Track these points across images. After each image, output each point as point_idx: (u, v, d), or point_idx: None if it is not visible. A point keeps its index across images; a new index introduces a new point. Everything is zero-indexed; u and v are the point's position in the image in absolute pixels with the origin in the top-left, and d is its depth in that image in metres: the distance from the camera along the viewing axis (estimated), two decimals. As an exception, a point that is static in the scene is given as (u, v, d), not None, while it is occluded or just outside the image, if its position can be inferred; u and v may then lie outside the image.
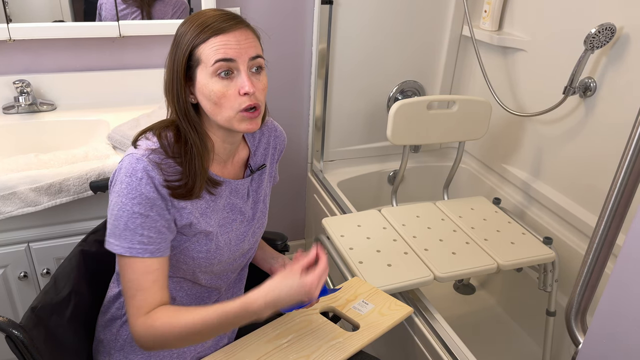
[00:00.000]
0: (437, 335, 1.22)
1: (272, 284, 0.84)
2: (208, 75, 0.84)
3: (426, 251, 1.43)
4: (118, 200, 0.85)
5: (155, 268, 0.87)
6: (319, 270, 0.85)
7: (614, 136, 1.50)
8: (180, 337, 0.85)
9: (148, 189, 0.84)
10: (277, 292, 0.83)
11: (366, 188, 2.10)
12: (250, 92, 0.85)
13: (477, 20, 1.94)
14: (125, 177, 0.84)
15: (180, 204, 0.89)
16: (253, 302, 0.84)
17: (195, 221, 0.91)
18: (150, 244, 0.86)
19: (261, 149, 1.06)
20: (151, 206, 0.85)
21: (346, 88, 1.94)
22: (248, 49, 0.85)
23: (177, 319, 0.85)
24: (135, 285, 0.87)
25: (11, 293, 1.35)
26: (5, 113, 1.52)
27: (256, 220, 1.04)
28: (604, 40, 1.43)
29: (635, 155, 0.65)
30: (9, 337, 0.81)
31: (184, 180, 0.88)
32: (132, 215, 0.84)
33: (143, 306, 0.87)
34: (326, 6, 1.75)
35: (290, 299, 0.83)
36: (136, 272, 0.86)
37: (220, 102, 0.85)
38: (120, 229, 0.85)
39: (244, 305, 0.84)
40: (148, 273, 0.86)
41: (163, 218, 0.87)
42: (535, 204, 1.79)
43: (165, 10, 1.61)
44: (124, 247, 0.85)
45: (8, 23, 1.45)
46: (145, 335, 0.86)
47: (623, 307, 0.61)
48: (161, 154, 0.87)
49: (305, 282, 0.83)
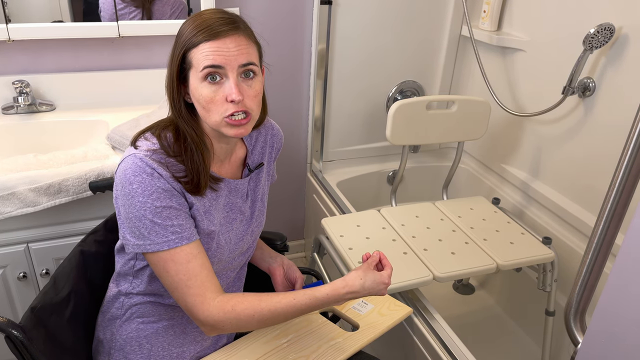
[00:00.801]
0: (436, 335, 1.23)
1: (357, 274, 0.93)
2: (198, 79, 0.85)
3: (425, 251, 1.43)
4: (134, 201, 0.83)
5: (198, 252, 0.88)
6: (390, 270, 0.97)
7: (613, 136, 1.50)
8: (262, 321, 0.89)
9: (162, 182, 0.84)
10: (362, 282, 0.92)
11: (365, 188, 2.10)
12: (237, 100, 0.84)
13: (477, 20, 1.94)
14: (133, 176, 0.84)
15: (190, 199, 0.89)
16: (343, 286, 0.92)
17: (199, 218, 0.91)
18: (184, 231, 0.86)
19: (258, 147, 1.06)
20: (170, 197, 0.85)
21: (345, 88, 1.94)
22: (238, 56, 0.84)
23: (263, 303, 0.88)
24: (185, 276, 0.86)
25: (10, 293, 1.35)
26: (5, 113, 1.51)
27: (255, 219, 1.04)
28: (603, 40, 1.43)
29: (634, 155, 0.65)
30: (9, 337, 0.81)
31: (190, 176, 0.88)
32: (156, 211, 0.84)
33: (206, 289, 0.87)
34: (325, 6, 1.76)
35: (371, 288, 0.93)
36: (181, 263, 0.86)
37: (208, 107, 0.86)
38: (148, 228, 0.84)
39: (333, 289, 0.92)
40: (193, 259, 0.87)
41: (183, 205, 0.87)
42: (535, 204, 1.79)
43: (163, 10, 1.60)
44: (160, 243, 0.85)
45: (7, 23, 1.45)
46: (224, 320, 0.87)
47: (622, 307, 0.61)
48: (162, 154, 0.87)
49: (384, 277, 0.95)
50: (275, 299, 0.89)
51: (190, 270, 0.86)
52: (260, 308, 0.88)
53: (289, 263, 1.13)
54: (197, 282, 0.86)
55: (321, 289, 0.91)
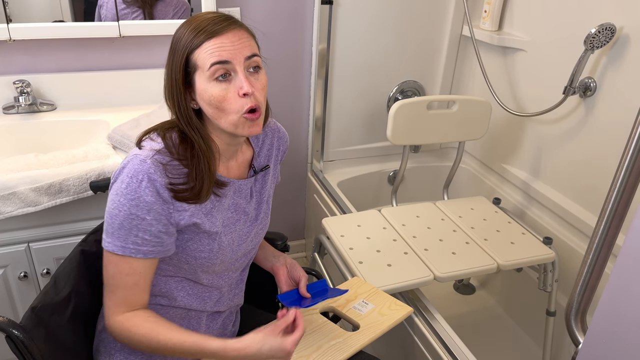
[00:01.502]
0: (437, 335, 1.22)
1: (255, 338, 0.85)
2: (206, 79, 0.84)
3: (426, 251, 1.43)
4: (116, 198, 0.85)
5: (140, 271, 0.88)
6: (297, 335, 0.87)
7: (614, 136, 1.50)
8: (151, 350, 0.89)
9: (147, 193, 0.84)
10: (259, 347, 0.84)
11: (366, 188, 2.10)
12: (249, 92, 0.84)
13: (477, 20, 1.94)
14: (126, 177, 0.85)
15: (184, 205, 0.89)
16: (235, 349, 0.85)
17: (199, 221, 0.91)
18: (144, 246, 0.86)
19: (265, 150, 1.06)
20: (148, 210, 0.85)
21: (346, 88, 1.94)
22: (242, 49, 0.85)
23: (156, 334, 0.87)
24: (116, 283, 0.89)
25: (11, 293, 1.35)
26: (5, 113, 1.52)
27: (259, 221, 1.04)
28: (604, 40, 1.43)
29: (635, 155, 0.65)
30: (9, 337, 0.81)
31: (191, 183, 0.88)
32: (128, 216, 0.84)
33: (122, 305, 0.89)
34: (326, 6, 1.76)
35: (269, 356, 0.85)
36: (120, 271, 0.88)
37: (222, 106, 0.85)
38: (115, 227, 0.85)
39: (223, 348, 0.85)
40: (131, 275, 0.88)
41: (160, 223, 0.86)
42: (535, 204, 1.79)
43: (166, 11, 1.61)
44: (117, 246, 0.86)
45: (8, 23, 1.45)
46: (119, 335, 0.90)
47: (623, 307, 0.61)
48: (166, 155, 0.87)
49: (286, 344, 0.85)
50: (169, 335, 0.87)
51: (124, 282, 0.88)
52: (151, 338, 0.87)
53: (292, 262, 1.14)
54: (121, 294, 0.89)
55: (212, 343, 0.86)
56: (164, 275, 0.96)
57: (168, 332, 0.87)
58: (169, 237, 0.89)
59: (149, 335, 0.87)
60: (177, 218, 0.88)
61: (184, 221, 0.89)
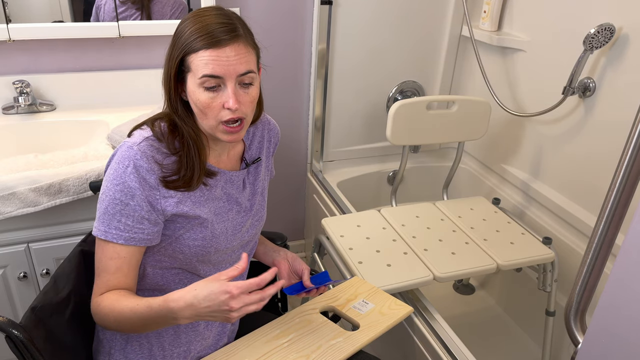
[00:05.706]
0: (436, 335, 1.23)
1: (194, 285, 0.81)
2: (196, 84, 0.86)
3: (426, 251, 1.43)
4: (104, 184, 0.89)
5: (123, 256, 0.90)
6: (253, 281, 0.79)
7: (613, 136, 1.50)
8: (116, 322, 0.88)
9: (131, 178, 0.86)
10: (196, 292, 0.79)
11: (366, 188, 2.10)
12: (234, 109, 0.86)
13: (477, 20, 1.94)
14: (114, 164, 0.88)
15: (171, 192, 0.90)
16: (174, 299, 0.81)
17: (187, 209, 0.92)
18: (126, 232, 0.88)
19: (255, 142, 1.07)
20: (132, 196, 0.87)
21: (346, 88, 1.94)
22: (238, 65, 0.85)
23: (118, 303, 0.87)
24: (101, 266, 0.91)
25: (11, 293, 1.35)
26: (5, 113, 1.52)
27: (254, 212, 1.05)
28: (603, 40, 1.43)
29: (635, 155, 0.65)
30: (9, 337, 0.81)
31: (183, 172, 0.90)
32: (112, 201, 0.87)
33: (102, 287, 0.91)
34: (326, 6, 1.76)
35: (210, 302, 0.78)
36: (105, 255, 0.90)
37: (204, 111, 0.87)
38: (101, 212, 0.89)
39: (165, 300, 0.82)
40: (114, 259, 0.89)
41: (143, 209, 0.88)
42: (535, 204, 1.79)
43: (164, 11, 1.61)
44: (100, 230, 0.89)
45: (7, 23, 1.45)
46: (95, 315, 0.91)
47: (622, 306, 0.61)
48: (154, 141, 0.90)
49: (229, 286, 0.78)
50: (125, 302, 0.86)
51: (108, 266, 0.90)
52: (113, 308, 0.87)
53: (293, 256, 1.14)
54: (104, 277, 0.90)
55: (157, 299, 0.83)
56: (161, 267, 0.97)
57: (125, 299, 0.87)
58: (153, 225, 0.90)
59: (110, 306, 0.88)
60: (163, 204, 0.89)
61: (171, 208, 0.90)
